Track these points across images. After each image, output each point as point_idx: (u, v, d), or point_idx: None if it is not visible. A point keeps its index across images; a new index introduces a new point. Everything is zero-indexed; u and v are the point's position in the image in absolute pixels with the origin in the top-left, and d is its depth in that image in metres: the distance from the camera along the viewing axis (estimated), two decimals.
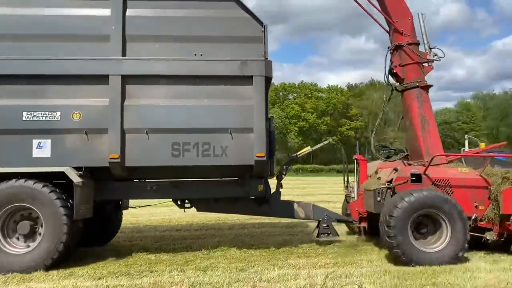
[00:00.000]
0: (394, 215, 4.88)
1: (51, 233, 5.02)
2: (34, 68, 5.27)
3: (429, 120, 5.99)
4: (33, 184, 5.04)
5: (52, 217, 5.02)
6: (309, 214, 6.44)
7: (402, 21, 6.19)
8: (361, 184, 6.56)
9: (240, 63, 5.54)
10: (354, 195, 6.66)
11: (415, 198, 4.93)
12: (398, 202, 4.96)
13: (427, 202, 4.96)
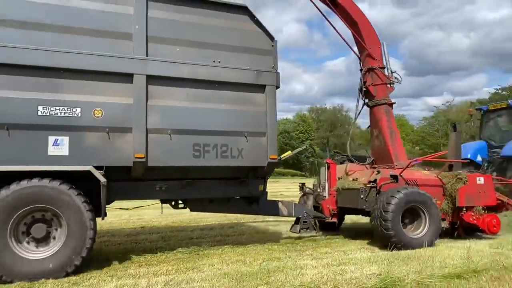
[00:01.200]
0: (390, 210, 5.88)
1: (75, 237, 4.75)
2: (53, 60, 4.93)
3: (395, 131, 7.26)
4: (59, 185, 4.72)
5: (76, 220, 4.76)
6: (291, 211, 7.11)
7: (374, 48, 7.38)
8: (332, 185, 7.49)
9: (256, 72, 5.99)
10: (326, 194, 7.55)
11: (404, 195, 6.02)
12: (391, 199, 5.99)
13: (413, 198, 6.10)
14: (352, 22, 7.28)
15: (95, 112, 5.11)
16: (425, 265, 4.77)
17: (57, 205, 4.72)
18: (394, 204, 5.92)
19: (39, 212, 4.74)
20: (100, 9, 5.28)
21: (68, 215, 4.75)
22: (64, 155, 4.95)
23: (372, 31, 7.40)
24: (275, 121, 6.10)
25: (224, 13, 5.98)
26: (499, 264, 4.83)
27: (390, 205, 5.92)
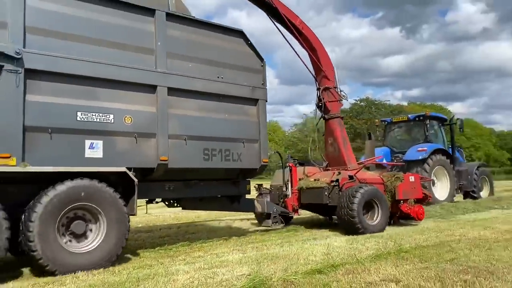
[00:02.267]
0: (355, 202, 7.35)
1: (116, 232, 5.24)
2: (90, 70, 5.37)
3: (347, 140, 8.85)
4: (99, 184, 5.16)
5: (116, 216, 5.25)
6: (264, 208, 8.19)
7: (329, 71, 8.90)
8: (294, 185, 8.77)
9: (251, 88, 7.02)
10: (289, 193, 8.78)
11: (364, 191, 7.55)
12: (356, 193, 7.46)
13: (371, 193, 7.66)
14: (312, 48, 8.73)
15: (125, 119, 5.64)
16: (290, 263, 4.92)
17: (99, 202, 5.16)
18: (358, 198, 7.41)
19: (80, 210, 5.12)
20: (129, 25, 5.84)
21: (108, 211, 5.21)
22: (99, 157, 5.39)
23: (327, 57, 8.94)
24: (265, 130, 7.19)
25: (226, 35, 6.90)
26: (353, 258, 5.18)
27: (356, 198, 7.40)
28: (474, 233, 7.11)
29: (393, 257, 5.21)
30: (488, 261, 4.89)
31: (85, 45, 5.42)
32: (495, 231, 7.26)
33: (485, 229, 7.49)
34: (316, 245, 6.17)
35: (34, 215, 4.66)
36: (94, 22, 5.55)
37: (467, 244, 6.06)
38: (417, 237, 6.69)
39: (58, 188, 4.86)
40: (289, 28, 8.43)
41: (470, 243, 6.11)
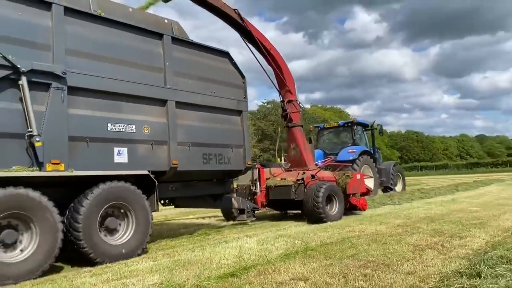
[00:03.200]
0: (320, 196, 8.88)
1: (142, 223, 6.15)
2: (116, 87, 6.20)
3: (306, 145, 10.39)
4: (129, 185, 6.04)
5: (141, 212, 6.17)
6: (240, 205, 9.36)
7: (291, 86, 10.38)
8: (262, 184, 10.10)
9: (237, 101, 8.23)
10: (258, 191, 10.09)
11: (327, 187, 9.12)
12: (320, 189, 8.99)
13: (331, 189, 9.25)
14: (278, 66, 10.15)
15: (144, 129, 6.55)
16: (203, 268, 4.85)
17: (129, 201, 6.05)
18: (322, 192, 8.97)
19: (114, 208, 5.95)
20: (144, 47, 6.75)
21: (137, 208, 6.11)
22: (125, 162, 6.26)
23: (290, 74, 10.42)
24: (248, 137, 8.44)
25: (215, 56, 8.04)
26: (264, 259, 5.20)
27: (320, 193, 8.94)
28: (371, 228, 7.50)
29: (300, 256, 5.34)
30: (385, 255, 5.14)
31: (111, 65, 6.25)
32: (389, 226, 7.71)
33: (381, 224, 7.97)
34: (228, 248, 6.10)
35: (82, 210, 5.45)
36: (118, 45, 6.40)
37: (366, 239, 6.36)
38: (321, 235, 6.96)
39: (101, 187, 5.69)
40: (260, 48, 9.77)
41: (368, 238, 6.39)
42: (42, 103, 5.37)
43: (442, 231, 6.84)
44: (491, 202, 11.81)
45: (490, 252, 4.60)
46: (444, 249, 5.42)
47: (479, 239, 5.99)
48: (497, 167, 60.36)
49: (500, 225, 7.34)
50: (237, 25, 9.36)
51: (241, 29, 9.47)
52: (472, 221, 7.87)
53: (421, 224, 7.68)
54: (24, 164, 5.15)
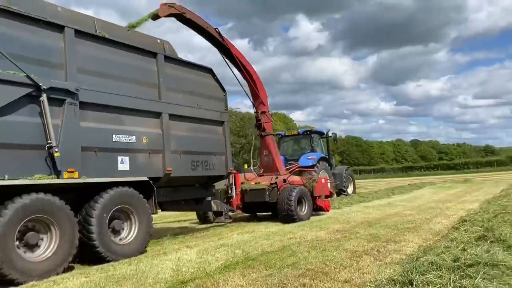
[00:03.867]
0: (292, 199, 9.87)
1: (144, 224, 6.83)
2: (119, 101, 6.85)
3: (278, 152, 11.36)
4: (134, 190, 6.71)
5: (143, 214, 6.85)
6: (218, 207, 10.17)
7: (264, 98, 11.33)
8: (238, 187, 10.96)
9: (220, 113, 9.06)
10: (233, 194, 10.93)
11: (298, 190, 10.13)
12: (291, 192, 9.99)
13: (302, 192, 10.28)
14: (253, 80, 11.06)
15: (143, 139, 7.23)
16: (138, 284, 4.68)
17: (132, 204, 6.71)
18: (294, 195, 9.97)
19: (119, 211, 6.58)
20: (141, 65, 7.43)
21: (139, 211, 6.78)
22: (127, 169, 6.91)
23: (263, 87, 11.37)
24: (229, 145, 9.28)
25: (200, 72, 8.84)
26: (203, 271, 5.07)
27: (293, 195, 9.92)
28: (312, 234, 7.58)
29: (241, 267, 5.25)
30: (323, 262, 5.18)
31: (115, 82, 6.89)
32: (329, 231, 7.83)
33: (321, 230, 8.07)
34: (166, 260, 5.92)
35: (94, 213, 6.07)
36: (120, 63, 7.05)
37: (305, 246, 6.35)
38: (263, 243, 6.93)
39: (110, 193, 6.32)
40: (237, 64, 10.65)
41: (308, 245, 6.40)
42: (58, 117, 5.94)
43: (379, 236, 7.05)
44: (424, 205, 12.42)
45: (422, 258, 4.63)
46: (380, 254, 5.56)
47: (412, 244, 6.21)
48: (429, 171, 63.08)
49: (431, 228, 7.71)
50: (217, 43, 10.19)
51: (221, 47, 10.31)
52: (406, 225, 8.23)
53: (359, 229, 7.90)
54: (44, 172, 5.71)
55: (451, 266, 3.96)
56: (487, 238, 5.28)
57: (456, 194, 17.26)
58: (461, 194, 16.69)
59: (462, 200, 13.81)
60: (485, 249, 4.57)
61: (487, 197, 13.21)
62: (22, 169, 5.48)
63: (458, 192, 18.52)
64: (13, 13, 5.65)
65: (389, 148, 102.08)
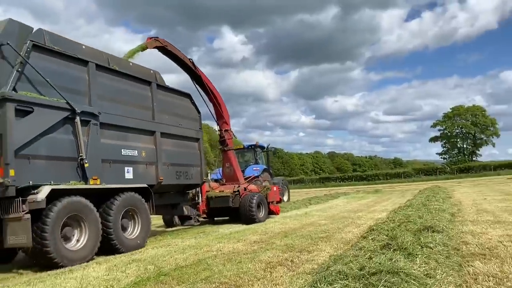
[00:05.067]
0: (253, 204, 11.80)
1: (145, 223, 8.38)
2: (125, 122, 8.38)
3: (238, 164, 13.26)
4: (139, 195, 8.24)
5: (145, 215, 8.40)
6: (189, 212, 11.83)
7: (227, 118, 13.20)
8: (203, 195, 12.66)
9: (195, 131, 10.81)
10: (200, 201, 12.61)
11: (258, 196, 12.10)
12: (252, 198, 11.92)
13: (261, 198, 12.25)
14: (218, 102, 12.92)
15: (142, 153, 8.78)
16: None
17: (137, 206, 8.23)
18: (255, 201, 11.91)
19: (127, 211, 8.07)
20: (140, 92, 9.00)
21: (142, 212, 8.32)
22: (131, 178, 8.42)
23: (226, 109, 13.26)
24: (203, 158, 11.04)
25: (181, 96, 10.55)
26: None
27: (253, 201, 11.85)
28: (229, 246, 7.49)
29: (152, 282, 5.07)
30: (238, 275, 5.09)
31: (122, 105, 8.41)
32: (246, 243, 7.77)
33: (238, 242, 8.00)
34: (71, 278, 5.61)
35: (111, 212, 7.53)
36: (125, 90, 8.59)
37: (221, 259, 6.24)
38: (177, 257, 6.72)
39: (123, 196, 7.82)
40: (205, 89, 12.47)
41: (224, 258, 6.31)
42: (85, 135, 7.38)
43: (294, 246, 7.09)
44: (338, 215, 12.73)
45: (331, 267, 4.60)
46: (293, 265, 5.57)
47: (324, 253, 6.29)
48: (344, 181, 64.82)
49: (343, 237, 7.84)
50: (190, 71, 11.96)
51: (193, 74, 12.08)
52: (320, 234, 8.33)
53: (275, 240, 7.93)
54: (76, 179, 7.12)
55: (357, 275, 3.99)
56: (391, 246, 5.33)
57: (367, 204, 17.88)
58: (372, 204, 17.31)
59: (372, 209, 14.37)
60: (388, 257, 4.63)
61: (394, 206, 13.70)
62: (61, 176, 6.88)
63: (369, 202, 19.20)
64: (55, 51, 7.07)
65: (309, 160, 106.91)
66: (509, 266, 4.66)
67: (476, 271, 4.57)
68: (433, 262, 4.60)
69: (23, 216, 6.16)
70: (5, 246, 6.37)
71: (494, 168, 57.43)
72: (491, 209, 10.93)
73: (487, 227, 7.77)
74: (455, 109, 74.92)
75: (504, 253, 5.35)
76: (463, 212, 10.52)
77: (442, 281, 3.96)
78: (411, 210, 9.87)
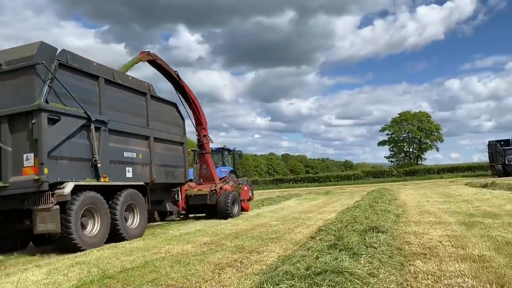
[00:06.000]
0: (229, 201, 13.33)
1: (143, 216, 9.74)
2: (126, 129, 9.69)
3: (214, 166, 14.75)
4: (138, 191, 9.59)
5: (143, 208, 9.76)
6: (171, 208, 13.18)
7: (205, 124, 14.65)
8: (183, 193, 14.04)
9: (180, 136, 12.24)
10: (180, 199, 13.98)
11: (232, 194, 13.66)
12: (228, 196, 13.44)
13: (235, 196, 13.81)
14: (198, 111, 14.36)
15: (140, 155, 10.12)
16: None
17: (136, 201, 9.58)
18: (230, 199, 13.45)
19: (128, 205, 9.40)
20: (137, 102, 10.34)
21: (140, 206, 9.68)
22: (131, 177, 9.75)
23: (205, 116, 14.74)
24: (187, 160, 12.48)
25: (168, 105, 11.96)
26: None
27: (229, 199, 13.40)
28: (178, 248, 7.37)
29: (95, 286, 4.95)
30: (185, 277, 5.00)
31: (122, 114, 9.71)
32: (195, 245, 7.65)
33: (188, 243, 7.85)
34: (7, 283, 5.42)
35: (117, 206, 8.85)
36: (126, 101, 9.91)
37: (170, 261, 6.13)
38: (124, 259, 6.57)
39: (126, 192, 9.15)
40: (187, 98, 13.90)
41: (172, 260, 6.18)
42: (97, 139, 8.66)
43: (244, 247, 6.99)
44: (289, 216, 12.79)
45: (279, 268, 4.57)
46: (242, 266, 5.51)
47: (273, 254, 6.25)
48: (297, 183, 65.29)
49: (293, 238, 7.82)
50: (175, 81, 13.36)
51: (177, 84, 13.49)
52: (270, 235, 8.34)
53: (226, 241, 7.84)
54: (90, 177, 8.41)
55: (303, 275, 4.01)
56: (337, 246, 5.39)
57: (317, 205, 18.09)
58: (322, 205, 17.52)
59: (322, 210, 14.56)
60: (334, 257, 4.67)
61: (343, 207, 13.87)
62: (79, 174, 8.15)
63: (319, 203, 19.39)
64: (75, 68, 8.33)
65: (263, 161, 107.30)
66: (447, 265, 4.80)
67: (416, 270, 4.67)
68: (377, 261, 4.66)
69: (52, 207, 7.41)
70: (34, 233, 7.58)
71: (438, 171, 59.97)
72: (433, 211, 11.28)
73: (429, 227, 7.99)
74: (402, 115, 77.29)
75: (443, 253, 5.52)
76: (407, 213, 10.90)
77: (385, 280, 4.01)
78: (358, 211, 10.02)
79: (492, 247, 5.69)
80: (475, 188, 23.20)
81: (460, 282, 4.10)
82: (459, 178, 47.93)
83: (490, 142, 46.26)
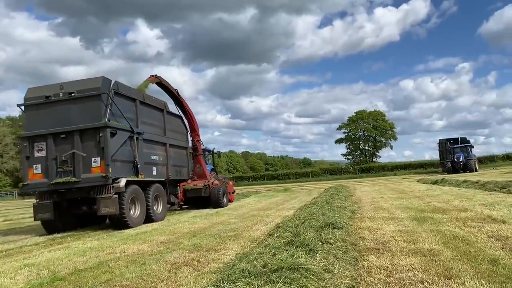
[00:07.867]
0: (220, 194, 16.54)
1: (165, 204, 12.84)
2: (152, 137, 12.71)
3: (205, 165, 17.89)
4: (161, 185, 12.67)
5: (164, 198, 12.85)
6: (173, 200, 16.23)
7: (198, 131, 17.74)
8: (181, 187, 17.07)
9: (185, 141, 15.35)
10: (178, 193, 17.01)
11: (222, 188, 16.88)
12: (219, 189, 16.66)
13: (224, 189, 17.05)
14: (192, 120, 17.43)
15: (160, 158, 13.17)
16: None
17: (160, 192, 12.64)
18: (221, 191, 16.65)
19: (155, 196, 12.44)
20: (158, 116, 13.36)
21: (162, 196, 12.76)
22: (155, 174, 12.80)
23: (197, 124, 17.83)
24: (190, 160, 15.61)
25: (176, 118, 15.04)
26: None
27: (220, 192, 16.60)
28: (134, 248, 7.22)
29: None
30: (141, 277, 4.92)
31: (149, 127, 12.71)
32: (152, 244, 7.54)
33: (144, 243, 7.76)
34: None
35: (149, 196, 11.89)
36: (150, 116, 12.91)
37: (124, 261, 6.00)
38: (76, 260, 6.41)
39: (154, 185, 12.22)
40: (184, 110, 16.96)
41: (128, 260, 6.06)
42: (136, 147, 11.67)
43: (201, 245, 6.91)
44: (248, 213, 12.82)
45: (236, 266, 4.46)
46: (199, 264, 5.43)
47: (231, 252, 6.13)
48: (257, 180, 66.06)
49: (251, 235, 7.73)
50: (175, 97, 16.42)
51: (177, 100, 16.55)
52: (229, 233, 8.24)
53: (183, 240, 7.75)
54: (132, 175, 11.41)
55: (259, 272, 3.97)
56: (294, 243, 5.37)
57: (276, 202, 18.09)
58: (281, 202, 17.57)
59: (281, 207, 14.55)
60: (291, 253, 4.64)
61: (301, 204, 13.84)
62: (126, 173, 11.15)
63: (278, 200, 19.41)
64: (123, 94, 11.31)
65: (223, 159, 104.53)
66: (399, 259, 4.88)
67: (370, 264, 4.71)
68: (332, 257, 4.69)
69: (113, 195, 10.41)
70: (98, 214, 10.54)
71: (392, 168, 61.61)
72: (387, 207, 11.39)
73: (382, 223, 8.03)
74: (359, 113, 79.54)
75: (395, 247, 5.60)
76: (362, 210, 11.04)
77: (339, 275, 4.06)
78: (315, 208, 10.11)
79: (441, 241, 5.81)
80: (426, 184, 23.81)
81: (410, 275, 4.15)
82: (411, 175, 49.39)
83: (441, 141, 48.77)
